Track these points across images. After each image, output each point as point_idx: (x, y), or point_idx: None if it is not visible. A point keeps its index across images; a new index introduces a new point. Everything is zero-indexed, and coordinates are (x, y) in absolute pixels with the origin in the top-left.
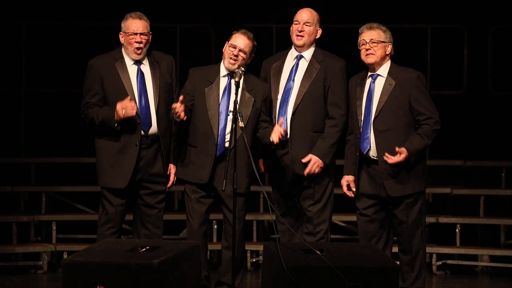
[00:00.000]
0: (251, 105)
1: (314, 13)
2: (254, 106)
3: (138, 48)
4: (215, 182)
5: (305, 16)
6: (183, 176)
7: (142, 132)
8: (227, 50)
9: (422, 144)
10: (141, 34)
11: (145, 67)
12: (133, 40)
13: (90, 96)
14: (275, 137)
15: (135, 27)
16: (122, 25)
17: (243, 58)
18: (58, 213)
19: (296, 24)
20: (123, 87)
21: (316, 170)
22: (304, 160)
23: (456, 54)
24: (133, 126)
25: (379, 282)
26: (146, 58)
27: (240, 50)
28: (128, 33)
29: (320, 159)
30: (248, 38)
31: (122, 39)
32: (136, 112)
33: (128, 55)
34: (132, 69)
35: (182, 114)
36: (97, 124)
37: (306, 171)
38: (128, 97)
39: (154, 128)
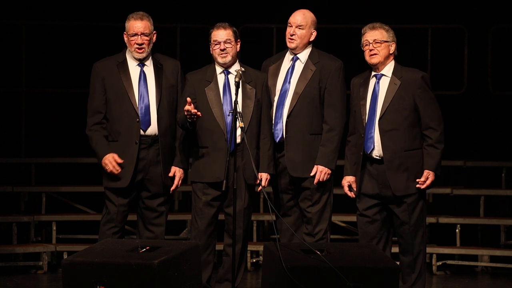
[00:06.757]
0: (253, 97)
1: (309, 15)
2: (256, 97)
3: (139, 48)
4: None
5: (298, 19)
6: (199, 179)
7: (142, 132)
8: (213, 49)
9: (439, 154)
10: (142, 34)
11: (148, 68)
12: (133, 42)
13: (94, 112)
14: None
15: (136, 28)
16: (125, 25)
17: (232, 47)
18: (58, 213)
19: (290, 26)
20: (124, 88)
21: (325, 178)
22: (311, 173)
23: (456, 54)
24: (132, 125)
25: (379, 282)
26: (150, 59)
27: (224, 42)
28: (129, 34)
29: (326, 167)
30: (225, 28)
31: (125, 39)
32: (135, 111)
33: (131, 56)
34: (134, 71)
35: (198, 113)
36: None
37: (315, 181)
38: (116, 156)
39: (153, 128)
